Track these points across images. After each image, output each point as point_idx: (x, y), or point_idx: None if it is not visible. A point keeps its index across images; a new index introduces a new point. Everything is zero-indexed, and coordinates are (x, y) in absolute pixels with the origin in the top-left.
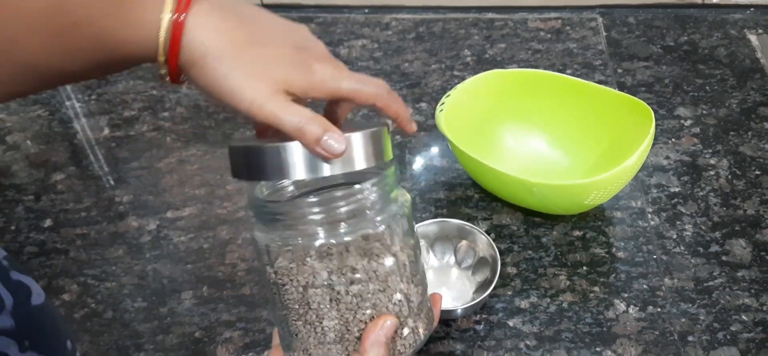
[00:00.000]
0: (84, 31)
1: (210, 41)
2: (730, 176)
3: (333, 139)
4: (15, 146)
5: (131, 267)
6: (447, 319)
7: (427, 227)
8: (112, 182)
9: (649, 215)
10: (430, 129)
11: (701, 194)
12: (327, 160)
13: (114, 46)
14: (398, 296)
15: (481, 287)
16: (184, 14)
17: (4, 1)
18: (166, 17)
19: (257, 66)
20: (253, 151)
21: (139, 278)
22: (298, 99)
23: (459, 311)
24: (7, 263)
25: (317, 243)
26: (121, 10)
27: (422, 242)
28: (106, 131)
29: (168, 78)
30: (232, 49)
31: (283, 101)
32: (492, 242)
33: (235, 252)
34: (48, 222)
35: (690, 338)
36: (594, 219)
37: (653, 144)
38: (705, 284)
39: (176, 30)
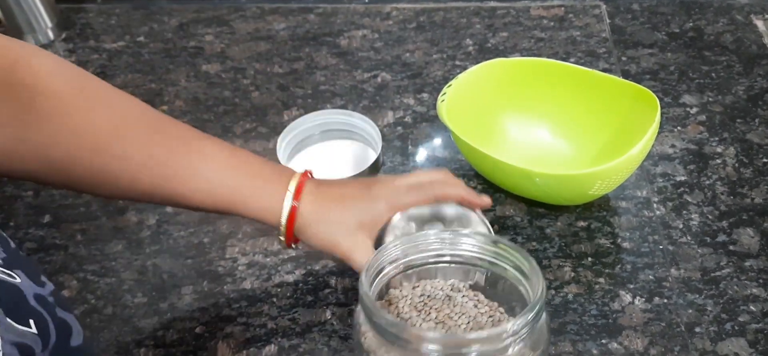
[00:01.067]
0: (231, 189)
1: (311, 215)
2: (737, 164)
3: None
4: None
5: (131, 262)
6: None
7: (419, 210)
8: None
9: (655, 205)
10: (432, 120)
11: (708, 182)
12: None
13: (244, 213)
14: None
15: None
16: (297, 202)
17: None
18: (287, 205)
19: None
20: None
21: (139, 273)
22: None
23: None
24: (52, 299)
25: None
26: (257, 192)
27: (412, 224)
28: None
29: (285, 244)
30: (327, 220)
31: (365, 252)
32: (485, 220)
33: (235, 246)
34: (47, 218)
35: (697, 329)
36: (599, 210)
37: (659, 132)
38: (712, 274)
39: (292, 213)
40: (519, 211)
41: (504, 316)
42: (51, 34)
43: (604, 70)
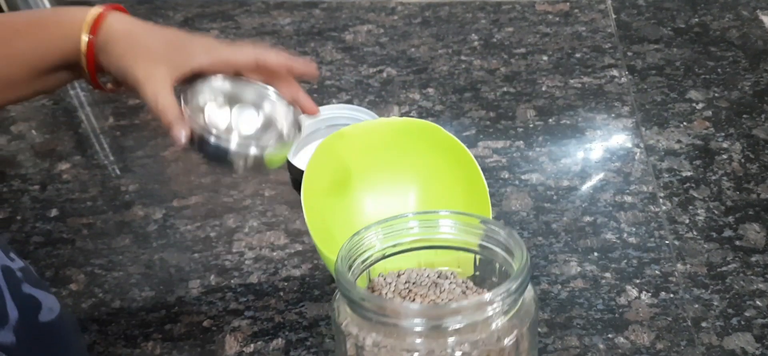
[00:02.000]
0: (22, 36)
1: (116, 33)
2: (743, 160)
3: (176, 129)
4: (20, 136)
5: (138, 257)
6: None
7: (235, 86)
8: (117, 171)
9: (661, 200)
10: (437, 115)
11: (714, 178)
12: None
13: (47, 46)
14: None
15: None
16: (105, 12)
17: None
18: (90, 13)
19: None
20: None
21: (146, 267)
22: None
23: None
24: (21, 274)
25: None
26: (57, 17)
27: (221, 97)
28: (111, 120)
29: (86, 60)
30: (131, 38)
31: (157, 86)
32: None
33: (242, 240)
34: (54, 212)
35: (703, 324)
36: (604, 204)
37: (664, 128)
38: (718, 269)
39: (96, 21)
40: (525, 206)
41: None
42: None
43: (610, 66)
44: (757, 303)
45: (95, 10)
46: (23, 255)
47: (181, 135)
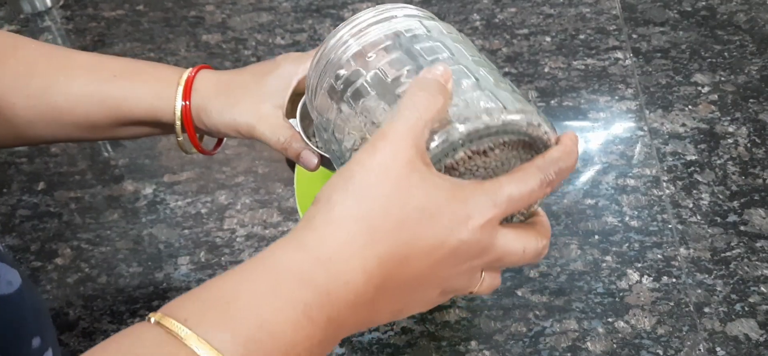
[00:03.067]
0: (116, 84)
1: (208, 91)
2: (749, 144)
3: (306, 156)
4: None
5: (126, 232)
6: None
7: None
8: (107, 145)
9: (665, 184)
10: None
11: (719, 162)
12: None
13: (138, 100)
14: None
15: None
16: (193, 75)
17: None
18: (183, 77)
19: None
20: None
21: (135, 242)
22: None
23: None
24: None
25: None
26: (146, 85)
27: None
28: None
29: (181, 127)
30: (226, 87)
31: (272, 122)
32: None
33: (234, 218)
34: (41, 185)
35: (706, 309)
36: (607, 187)
37: (669, 111)
38: (722, 254)
39: (187, 88)
40: None
41: None
42: (48, 2)
43: (614, 48)
44: (762, 289)
45: (186, 75)
46: (8, 229)
47: (313, 163)
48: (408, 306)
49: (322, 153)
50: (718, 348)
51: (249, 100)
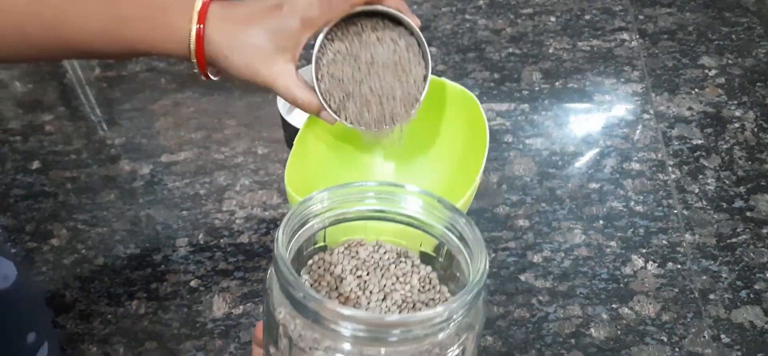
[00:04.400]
0: (129, 25)
1: (222, 42)
2: (756, 129)
3: (326, 114)
4: (2, 85)
5: (123, 213)
6: None
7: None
8: (103, 124)
9: (670, 168)
10: (438, 75)
11: (725, 147)
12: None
13: (150, 49)
14: None
15: None
16: (202, 25)
17: None
18: (193, 29)
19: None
20: None
21: (132, 224)
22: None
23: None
24: None
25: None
26: (159, 23)
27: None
28: (98, 71)
29: (201, 74)
30: (239, 44)
31: (288, 80)
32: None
33: (232, 199)
34: (36, 164)
35: (711, 296)
36: (611, 171)
37: (675, 94)
38: (728, 240)
39: (199, 39)
40: (528, 171)
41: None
42: None
43: (620, 29)
44: (767, 275)
45: (195, 27)
46: (3, 209)
47: (333, 120)
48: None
49: (336, 116)
50: (722, 335)
51: (263, 58)
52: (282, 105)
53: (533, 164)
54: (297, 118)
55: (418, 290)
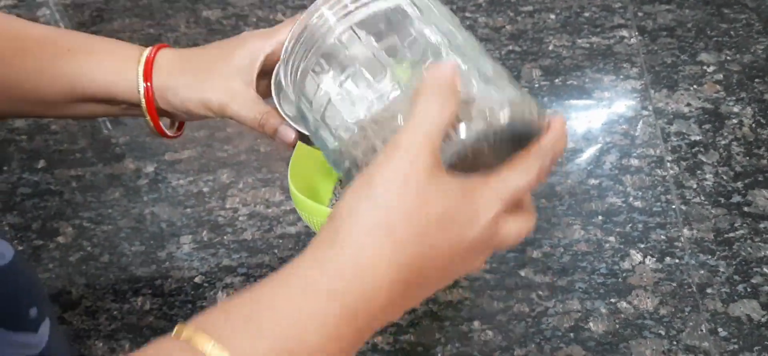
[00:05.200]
0: (73, 57)
1: (172, 69)
2: (754, 125)
3: (283, 131)
4: None
5: (128, 210)
6: None
7: None
8: (108, 123)
9: (668, 164)
10: None
11: (723, 142)
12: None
13: (93, 80)
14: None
15: None
16: (152, 55)
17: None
18: (143, 56)
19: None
20: None
21: (137, 221)
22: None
23: None
24: None
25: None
26: (108, 65)
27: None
28: None
29: (147, 110)
30: (190, 72)
31: (244, 99)
32: None
33: (236, 196)
34: (42, 163)
35: (709, 290)
36: (610, 167)
37: (674, 90)
38: (725, 235)
39: (147, 64)
40: None
41: None
42: None
43: (620, 26)
44: (765, 270)
45: (146, 53)
46: (9, 207)
47: (291, 137)
48: (420, 299)
49: (299, 129)
50: (720, 329)
51: (218, 77)
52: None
53: None
54: None
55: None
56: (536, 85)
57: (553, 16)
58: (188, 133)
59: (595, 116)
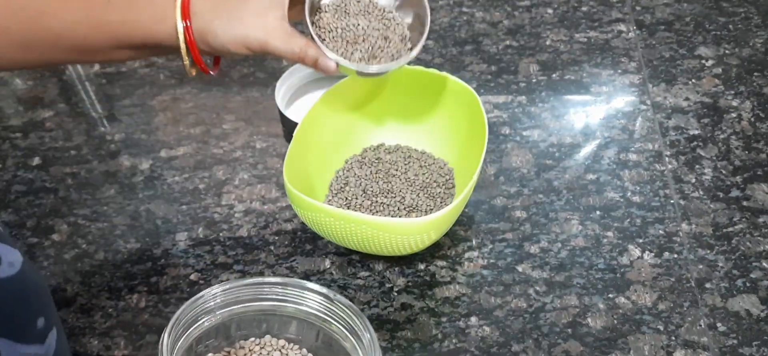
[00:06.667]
0: (112, 7)
1: (206, 11)
2: (752, 119)
3: (324, 61)
4: (2, 82)
5: (123, 208)
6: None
7: None
8: (103, 120)
9: (667, 159)
10: (437, 68)
11: (722, 136)
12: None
13: (135, 27)
14: None
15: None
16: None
17: None
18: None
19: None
20: None
21: (132, 218)
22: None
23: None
24: None
25: None
26: (143, 10)
27: None
28: (97, 67)
29: (191, 61)
30: (225, 11)
31: (282, 34)
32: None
33: (231, 193)
34: (36, 160)
35: (707, 285)
36: (608, 162)
37: (672, 85)
38: (724, 230)
39: (185, 10)
40: (526, 163)
41: None
42: None
43: (617, 21)
44: (764, 264)
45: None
46: (4, 205)
47: (331, 67)
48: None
49: (337, 57)
50: (718, 324)
51: (254, 16)
52: (280, 100)
53: (530, 155)
54: (295, 112)
55: None
56: (534, 81)
57: (550, 11)
58: (183, 130)
59: (593, 111)
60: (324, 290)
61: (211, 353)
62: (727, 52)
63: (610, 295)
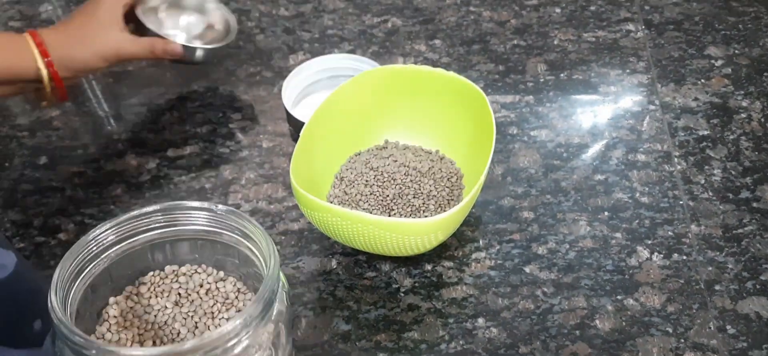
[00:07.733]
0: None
1: (61, 43)
2: (762, 119)
3: (170, 46)
4: None
5: (130, 207)
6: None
7: None
8: (110, 119)
9: (676, 159)
10: (444, 68)
11: (732, 137)
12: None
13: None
14: None
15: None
16: (40, 39)
17: None
18: (30, 40)
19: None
20: None
21: None
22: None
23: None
24: None
25: None
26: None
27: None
28: None
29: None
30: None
31: (128, 40)
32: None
33: (238, 193)
34: (43, 159)
35: (717, 287)
36: (617, 163)
37: (681, 85)
38: (734, 231)
39: (38, 45)
40: (533, 163)
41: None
42: None
43: (626, 20)
44: None
45: (29, 38)
46: (11, 204)
47: (178, 49)
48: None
49: (181, 43)
50: (728, 327)
51: (100, 34)
52: (287, 99)
53: (538, 155)
54: (302, 112)
55: (222, 303)
56: (542, 80)
57: (558, 10)
58: (190, 129)
59: (601, 111)
60: (205, 204)
61: (113, 297)
62: (736, 52)
63: (619, 297)
